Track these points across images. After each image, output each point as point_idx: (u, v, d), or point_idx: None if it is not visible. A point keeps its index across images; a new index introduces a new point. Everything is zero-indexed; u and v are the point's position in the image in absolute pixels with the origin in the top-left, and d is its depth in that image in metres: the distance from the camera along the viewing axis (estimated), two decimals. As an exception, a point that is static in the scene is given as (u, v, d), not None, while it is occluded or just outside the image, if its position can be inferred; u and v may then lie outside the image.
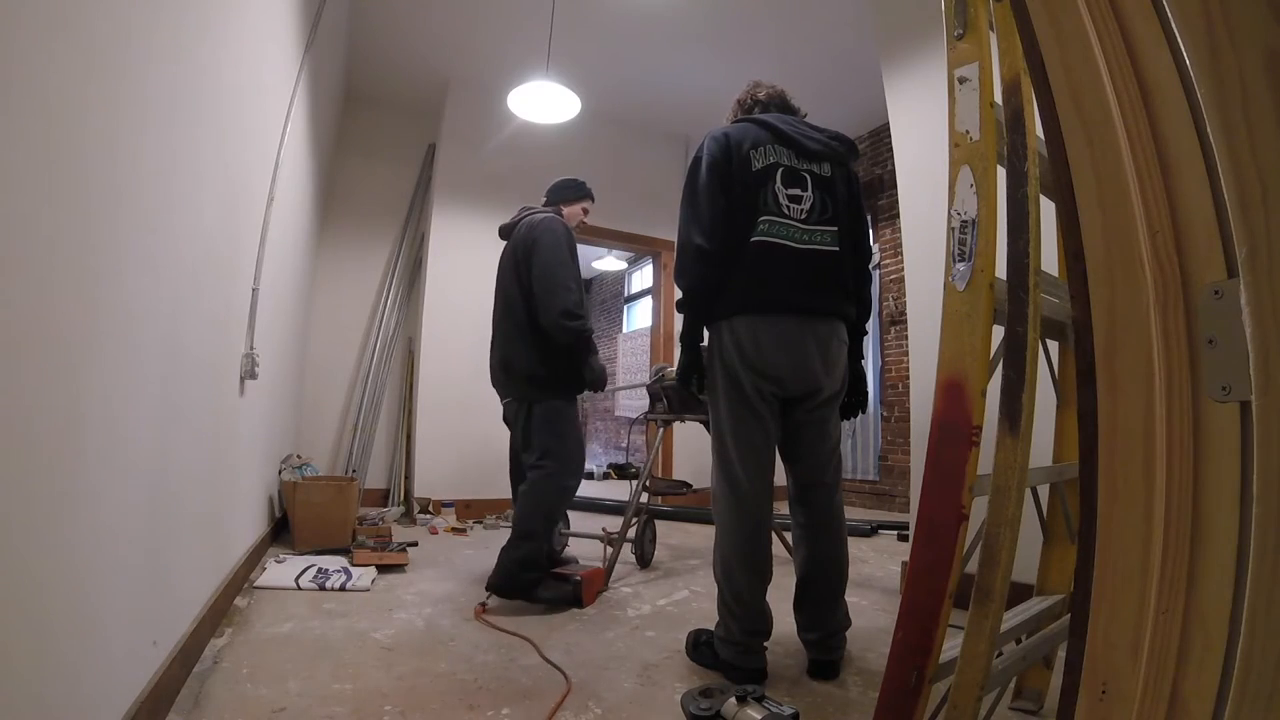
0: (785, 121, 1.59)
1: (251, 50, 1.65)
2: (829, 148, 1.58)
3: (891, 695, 0.92)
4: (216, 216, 1.46)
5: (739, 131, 1.57)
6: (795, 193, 1.52)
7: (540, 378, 2.10)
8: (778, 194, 1.50)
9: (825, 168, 1.57)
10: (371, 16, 3.53)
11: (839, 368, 1.54)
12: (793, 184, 1.52)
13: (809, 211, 1.51)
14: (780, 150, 1.55)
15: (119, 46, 0.85)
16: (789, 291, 1.47)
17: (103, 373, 0.87)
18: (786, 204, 1.50)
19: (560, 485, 2.09)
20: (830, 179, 1.56)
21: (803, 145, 1.55)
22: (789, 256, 1.48)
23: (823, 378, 1.50)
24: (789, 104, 1.69)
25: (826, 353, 1.49)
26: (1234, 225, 0.47)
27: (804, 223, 1.50)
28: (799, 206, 1.51)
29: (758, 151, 1.53)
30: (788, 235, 1.49)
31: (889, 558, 2.85)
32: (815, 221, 1.51)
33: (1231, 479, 0.48)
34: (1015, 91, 0.99)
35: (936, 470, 0.92)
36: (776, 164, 1.53)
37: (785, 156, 1.54)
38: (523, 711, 1.26)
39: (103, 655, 0.91)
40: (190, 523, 1.39)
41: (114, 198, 0.87)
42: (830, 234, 1.52)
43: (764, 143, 1.55)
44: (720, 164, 1.52)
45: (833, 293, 1.51)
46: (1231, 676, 0.45)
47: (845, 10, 3.37)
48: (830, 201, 1.54)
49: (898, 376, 4.38)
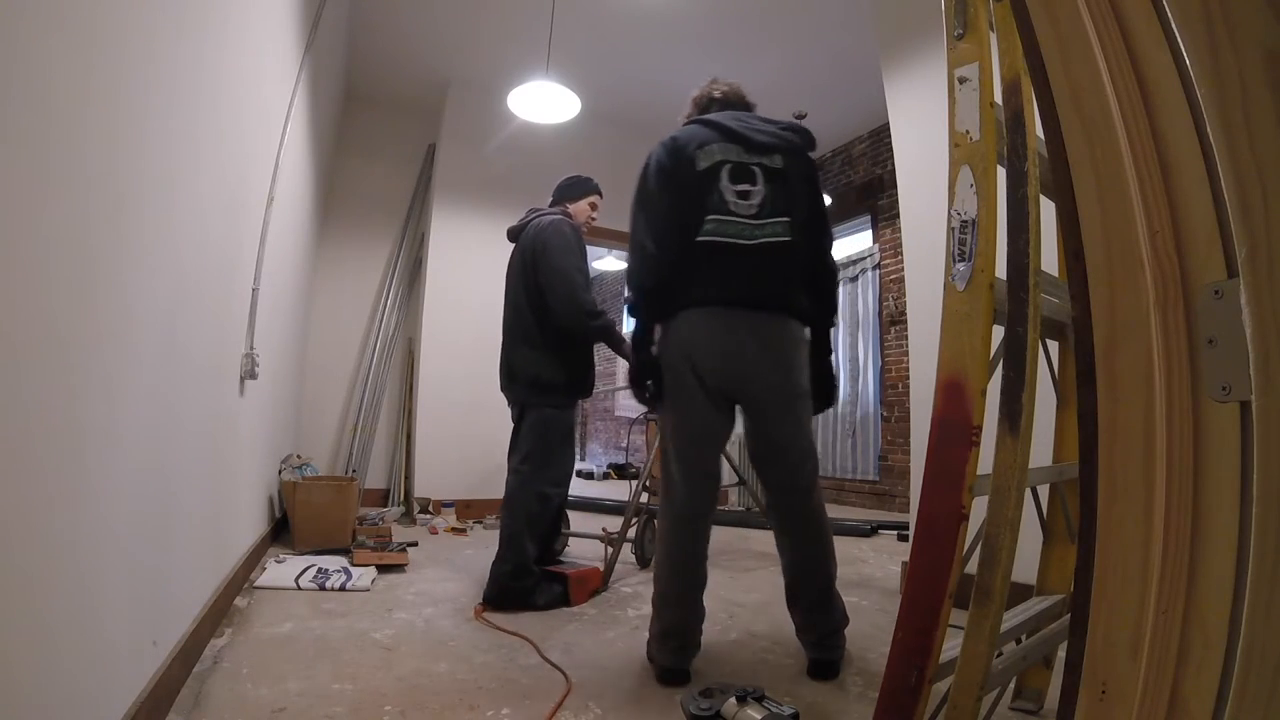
0: (735, 118, 1.59)
1: (251, 50, 1.65)
2: (780, 139, 1.56)
3: (891, 695, 0.92)
4: (216, 217, 1.46)
5: (686, 134, 1.58)
6: (744, 188, 1.50)
7: (540, 383, 2.10)
8: (723, 192, 1.50)
9: (777, 159, 1.54)
10: (371, 16, 3.53)
11: (794, 367, 1.50)
12: (741, 179, 1.51)
13: (760, 206, 1.50)
14: (728, 147, 1.54)
15: (119, 46, 0.85)
16: (731, 288, 1.46)
17: (102, 372, 0.87)
18: (734, 201, 1.49)
19: (537, 491, 2.07)
20: (783, 170, 1.53)
21: (751, 139, 1.54)
22: (736, 254, 1.47)
23: (769, 375, 1.47)
24: (744, 100, 1.70)
25: (770, 349, 1.46)
26: (1234, 225, 0.47)
27: (754, 218, 1.49)
28: (748, 202, 1.50)
29: (703, 151, 1.54)
30: (736, 233, 1.48)
31: (889, 558, 2.85)
32: (767, 215, 1.49)
33: (1231, 479, 0.48)
34: (1015, 91, 0.99)
35: (936, 470, 0.92)
36: (723, 161, 1.52)
37: (733, 153, 1.53)
38: (523, 711, 1.26)
39: (103, 655, 0.91)
40: (190, 523, 1.39)
41: (113, 198, 0.87)
42: (782, 225, 1.49)
43: (710, 142, 1.54)
44: (667, 168, 1.54)
45: (780, 287, 1.48)
46: (1231, 676, 0.45)
47: (845, 10, 3.37)
48: (783, 193, 1.52)
49: (898, 376, 4.38)
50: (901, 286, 3.86)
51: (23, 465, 0.68)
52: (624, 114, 4.50)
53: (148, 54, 0.95)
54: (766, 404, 1.49)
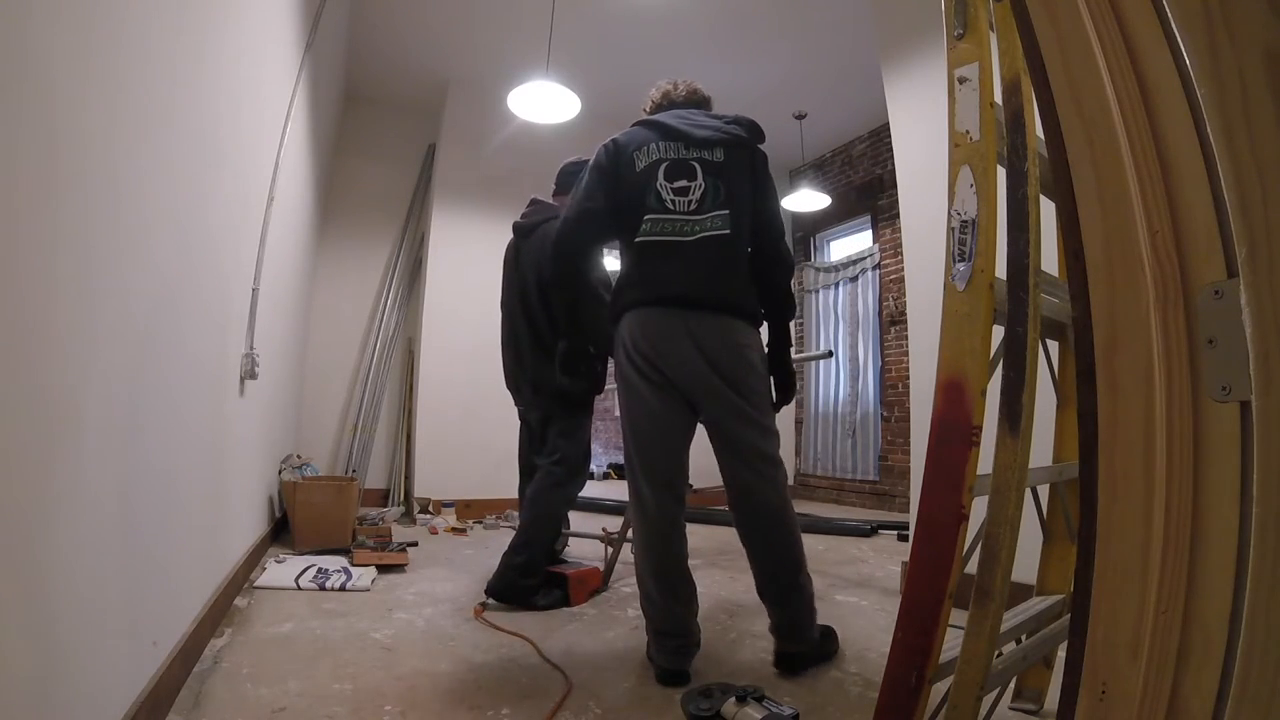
0: (678, 115, 1.59)
1: (252, 50, 1.65)
2: (722, 132, 1.55)
3: (891, 695, 0.92)
4: (216, 217, 1.46)
5: (627, 137, 1.60)
6: (682, 184, 1.52)
7: (566, 395, 2.09)
8: (660, 190, 1.52)
9: (718, 153, 1.54)
10: (371, 16, 3.53)
11: (740, 364, 1.48)
12: (678, 176, 1.52)
13: (700, 200, 1.50)
14: (667, 145, 1.55)
15: (120, 44, 0.85)
16: (670, 286, 1.47)
17: (100, 372, 0.87)
18: (672, 198, 1.51)
19: (566, 495, 2.14)
20: (723, 163, 1.53)
21: (691, 135, 1.54)
22: (674, 251, 1.49)
23: (710, 378, 1.46)
24: (697, 97, 1.71)
25: (711, 348, 1.46)
26: (1234, 225, 0.47)
27: (694, 213, 1.50)
28: (686, 198, 1.51)
29: (641, 152, 1.56)
30: (674, 230, 1.50)
31: (889, 558, 2.85)
32: (707, 209, 1.50)
33: (1231, 479, 0.48)
34: (1015, 91, 0.99)
35: (936, 470, 0.92)
36: (660, 160, 1.54)
37: (672, 150, 1.54)
38: (523, 711, 1.26)
39: (103, 655, 0.91)
40: (190, 523, 1.39)
41: (113, 198, 0.87)
42: (722, 217, 1.49)
43: (649, 142, 1.56)
44: (605, 167, 1.58)
45: (719, 286, 1.48)
46: (1231, 676, 0.45)
47: (845, 10, 3.37)
48: (724, 186, 1.52)
49: (898, 376, 4.38)
50: (901, 286, 3.86)
51: (22, 466, 0.68)
52: (624, 114, 4.46)
53: (146, 55, 0.95)
54: (713, 406, 1.49)
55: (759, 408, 1.51)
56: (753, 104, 4.47)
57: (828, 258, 5.31)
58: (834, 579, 2.44)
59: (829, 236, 5.32)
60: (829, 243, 5.36)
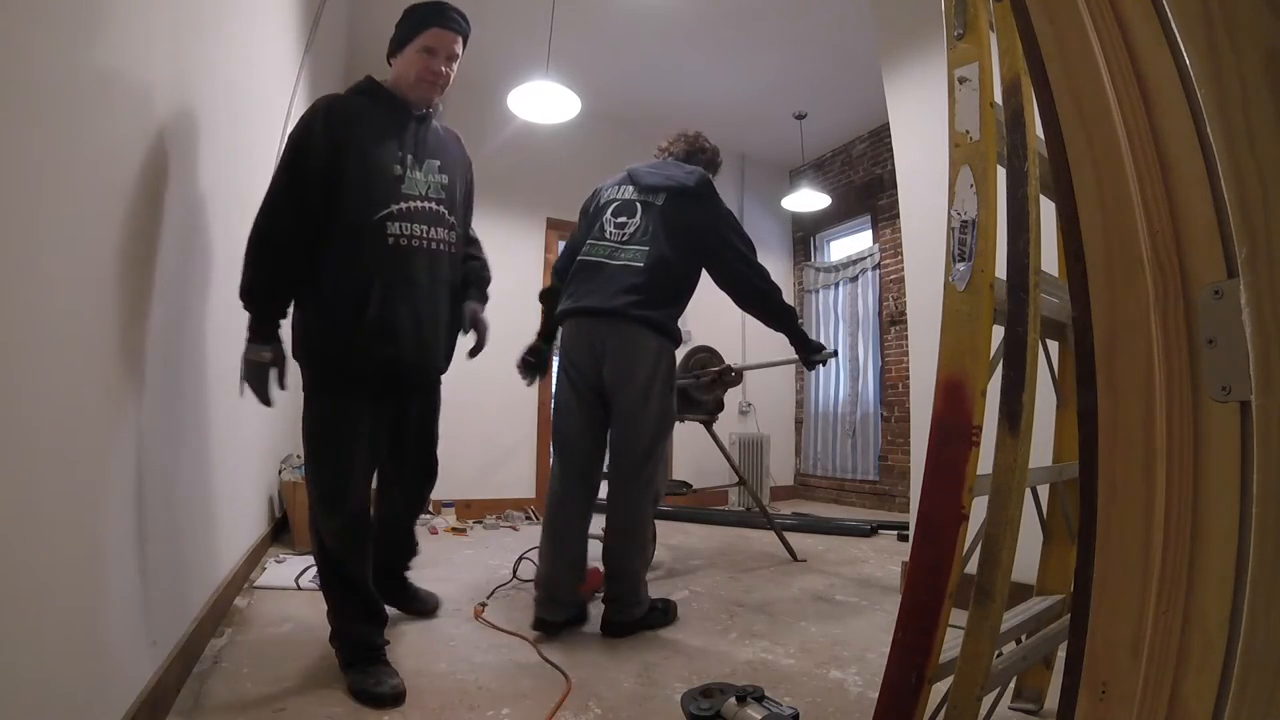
0: (649, 165, 1.94)
1: (252, 50, 1.65)
2: (667, 180, 1.86)
3: (891, 695, 0.92)
4: (217, 217, 1.46)
5: (606, 181, 1.99)
6: (623, 220, 1.85)
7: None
8: (605, 224, 1.86)
9: (660, 198, 1.84)
10: (371, 16, 3.52)
11: (635, 367, 1.72)
12: (623, 214, 1.86)
13: (631, 235, 1.81)
14: (625, 188, 1.91)
15: (118, 43, 0.85)
16: (586, 298, 1.77)
17: (99, 372, 0.87)
18: (611, 230, 1.84)
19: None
20: (661, 208, 1.83)
21: (642, 182, 1.88)
22: (599, 270, 1.80)
23: (606, 375, 1.73)
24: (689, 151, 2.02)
25: (607, 351, 1.73)
26: (1234, 225, 0.47)
27: (623, 242, 1.81)
28: (621, 231, 1.83)
29: (607, 191, 1.94)
30: (604, 253, 1.82)
31: (889, 558, 2.85)
32: (635, 241, 1.80)
33: (1231, 479, 0.48)
34: (1015, 91, 0.99)
35: (936, 470, 0.92)
36: (613, 199, 1.90)
37: (628, 192, 1.89)
38: (523, 711, 1.26)
39: (103, 655, 0.91)
40: (190, 523, 1.39)
41: (112, 198, 0.87)
42: (639, 251, 1.78)
43: (617, 184, 1.94)
44: (585, 207, 1.99)
45: (624, 299, 1.72)
46: (1231, 676, 0.45)
47: (845, 10, 3.37)
48: (654, 225, 1.80)
49: (898, 376, 4.38)
50: (901, 286, 3.86)
51: (22, 466, 0.68)
52: (624, 114, 4.50)
53: (147, 54, 0.95)
54: (613, 402, 1.76)
55: (649, 415, 1.74)
56: (753, 104, 4.49)
57: (828, 258, 5.31)
58: (834, 579, 2.44)
59: (829, 236, 5.32)
60: (829, 243, 5.36)
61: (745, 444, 4.59)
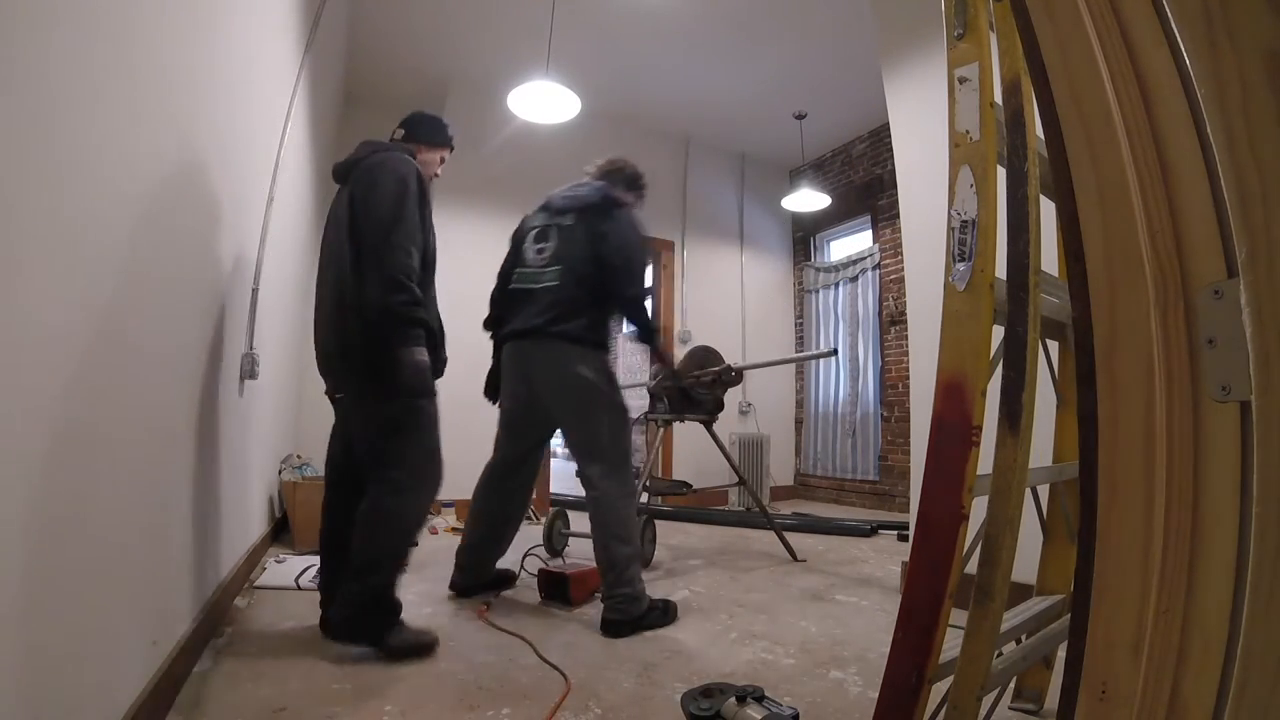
0: (563, 190, 2.08)
1: (252, 50, 1.65)
2: (575, 201, 2.01)
3: (891, 695, 0.92)
4: (217, 217, 1.46)
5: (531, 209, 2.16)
6: (541, 245, 2.02)
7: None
8: (526, 250, 2.05)
9: (569, 218, 2.00)
10: (371, 16, 3.53)
11: (566, 376, 1.88)
12: (541, 239, 2.03)
13: (549, 259, 1.98)
14: (540, 215, 2.09)
15: (119, 43, 0.85)
16: (513, 322, 1.98)
17: (99, 372, 0.87)
18: (532, 256, 2.03)
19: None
20: (571, 227, 1.98)
21: (554, 206, 2.05)
22: (525, 296, 1.98)
23: (538, 389, 1.95)
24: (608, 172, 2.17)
25: (534, 367, 1.94)
26: (1234, 225, 0.47)
27: (544, 267, 1.97)
28: (541, 256, 2.00)
29: (529, 219, 2.13)
30: (530, 279, 2.00)
31: (889, 558, 2.85)
32: (551, 264, 1.97)
33: (1231, 479, 0.48)
34: (1015, 91, 0.99)
35: (936, 470, 0.92)
36: (533, 226, 2.08)
37: (542, 219, 2.07)
38: (523, 711, 1.26)
39: (103, 655, 0.91)
40: (190, 523, 1.39)
41: (113, 198, 0.87)
42: (555, 271, 1.95)
43: (536, 211, 2.12)
44: (513, 235, 2.16)
45: (549, 317, 1.90)
46: (1231, 676, 0.45)
47: (845, 10, 3.37)
48: (565, 245, 1.97)
49: (898, 376, 4.38)
50: (901, 286, 3.86)
51: (21, 466, 0.68)
52: (624, 114, 4.50)
53: (147, 55, 0.95)
54: (554, 412, 1.97)
55: (591, 415, 1.91)
56: (752, 104, 4.49)
57: (828, 258, 5.31)
58: (834, 579, 2.44)
59: (829, 236, 5.32)
60: (829, 243, 5.36)
61: (745, 444, 4.59)
